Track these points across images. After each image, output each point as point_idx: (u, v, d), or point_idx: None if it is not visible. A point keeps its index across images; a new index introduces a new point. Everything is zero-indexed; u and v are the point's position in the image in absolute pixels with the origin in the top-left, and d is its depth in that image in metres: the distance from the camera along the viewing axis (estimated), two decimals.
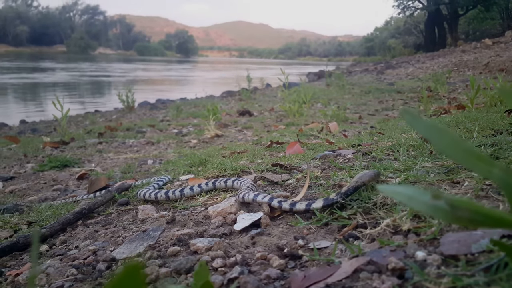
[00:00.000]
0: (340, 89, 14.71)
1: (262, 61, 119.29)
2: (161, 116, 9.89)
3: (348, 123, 7.07)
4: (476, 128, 2.06)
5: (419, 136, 2.31)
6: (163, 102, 14.88)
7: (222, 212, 1.44)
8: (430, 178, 1.30)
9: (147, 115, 10.82)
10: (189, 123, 7.79)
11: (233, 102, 13.70)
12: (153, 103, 14.83)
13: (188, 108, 11.96)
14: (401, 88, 13.85)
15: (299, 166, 2.07)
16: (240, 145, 3.84)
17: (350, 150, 2.45)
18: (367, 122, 7.08)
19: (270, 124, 7.28)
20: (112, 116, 11.15)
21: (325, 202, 1.23)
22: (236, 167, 2.11)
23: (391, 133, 3.32)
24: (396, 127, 4.29)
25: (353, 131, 4.65)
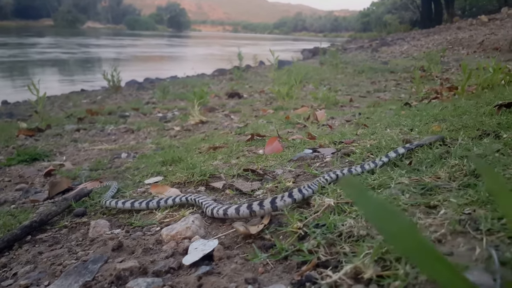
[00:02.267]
0: (333, 68, 14.45)
1: (256, 36, 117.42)
2: (147, 97, 9.63)
3: (338, 107, 6.90)
4: (461, 133, 1.91)
5: (400, 138, 2.16)
6: (151, 81, 14.53)
7: (176, 236, 1.30)
8: (405, 200, 1.16)
9: (133, 96, 10.55)
10: (175, 106, 7.57)
11: (224, 81, 13.42)
12: (140, 83, 14.48)
13: (176, 89, 11.69)
14: (395, 68, 13.61)
15: (273, 170, 1.93)
16: (221, 136, 3.68)
17: (330, 148, 2.30)
18: (358, 106, 6.91)
19: (259, 108, 7.09)
20: (97, 97, 10.87)
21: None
22: (205, 171, 1.96)
23: (376, 125, 3.18)
24: (383, 116, 4.15)
25: (341, 119, 4.50)
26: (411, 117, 3.13)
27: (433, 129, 2.27)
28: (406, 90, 9.13)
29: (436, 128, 2.27)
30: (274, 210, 1.31)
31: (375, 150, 1.96)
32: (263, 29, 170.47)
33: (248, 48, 41.87)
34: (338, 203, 1.24)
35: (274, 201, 1.31)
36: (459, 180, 1.25)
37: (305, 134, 2.92)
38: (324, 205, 1.23)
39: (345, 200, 1.25)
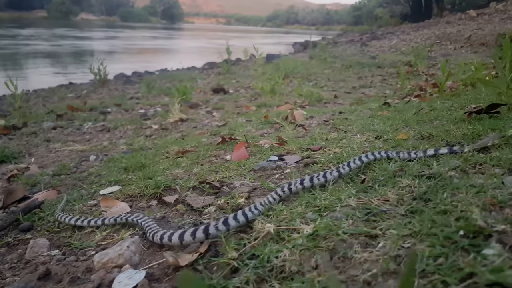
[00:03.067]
0: (322, 63, 14.38)
1: (249, 29, 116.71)
2: (133, 92, 9.48)
3: (322, 103, 6.85)
4: (423, 147, 1.85)
5: (365, 147, 2.10)
6: (140, 75, 14.34)
7: (107, 264, 1.23)
8: (345, 229, 1.09)
9: (119, 90, 10.39)
10: (159, 102, 7.45)
11: (212, 76, 13.27)
12: (128, 76, 14.28)
13: (163, 83, 11.53)
14: (382, 62, 13.58)
15: (232, 182, 1.86)
16: (196, 137, 3.60)
17: (296, 156, 2.24)
18: (341, 103, 6.87)
19: (243, 104, 7.00)
20: (83, 91, 10.68)
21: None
22: (160, 183, 1.88)
23: (350, 128, 3.12)
24: (360, 116, 4.09)
25: (319, 119, 4.43)
26: (385, 121, 3.07)
27: (400, 137, 2.22)
28: (391, 86, 9.10)
29: (402, 136, 2.21)
30: (207, 238, 1.24)
31: (336, 160, 1.90)
32: (256, 22, 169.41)
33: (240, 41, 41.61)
34: (279, 229, 1.18)
35: (207, 229, 1.24)
36: (406, 205, 1.19)
37: (276, 138, 2.85)
38: (263, 232, 1.16)
39: (286, 226, 1.19)
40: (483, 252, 0.88)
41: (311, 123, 4.21)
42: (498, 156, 1.50)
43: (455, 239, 0.93)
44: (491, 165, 1.45)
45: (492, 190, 1.18)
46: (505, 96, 2.38)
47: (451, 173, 1.39)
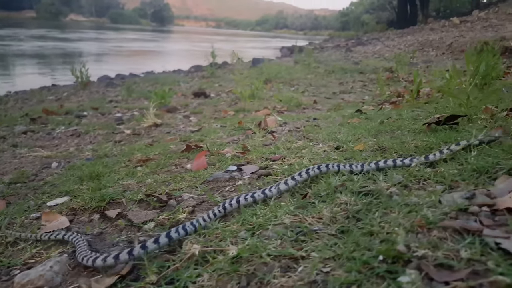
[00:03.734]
0: (306, 68, 14.41)
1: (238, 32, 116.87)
2: (113, 95, 9.35)
3: (301, 109, 6.84)
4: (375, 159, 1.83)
5: (321, 158, 2.07)
6: (123, 77, 14.17)
7: (27, 285, 1.17)
8: (271, 250, 1.06)
9: (100, 93, 10.24)
10: (137, 106, 7.35)
11: (196, 79, 13.19)
12: (112, 78, 14.12)
13: (145, 86, 11.41)
14: (365, 68, 13.67)
15: (181, 195, 1.81)
16: (165, 144, 3.54)
17: (254, 166, 2.20)
18: (320, 109, 6.87)
19: (222, 109, 6.95)
20: (64, 94, 10.52)
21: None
22: (106, 195, 1.82)
23: (317, 137, 3.10)
24: (331, 124, 4.08)
25: (292, 125, 4.41)
26: (351, 129, 3.06)
27: (357, 148, 2.20)
28: (371, 92, 9.16)
29: (359, 147, 2.19)
30: (132, 260, 1.20)
31: (289, 172, 1.87)
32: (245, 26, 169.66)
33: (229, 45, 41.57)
34: (207, 250, 1.13)
35: (132, 251, 1.19)
36: (339, 224, 1.16)
37: (241, 147, 2.81)
38: (188, 254, 1.12)
39: (213, 247, 1.14)
40: (398, 279, 0.85)
41: (283, 130, 4.18)
42: (443, 172, 1.48)
43: (373, 265, 0.90)
44: (434, 181, 1.43)
45: (426, 210, 1.15)
46: (465, 107, 2.38)
47: (392, 189, 1.36)
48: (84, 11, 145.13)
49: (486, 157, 1.51)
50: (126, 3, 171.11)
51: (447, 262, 0.90)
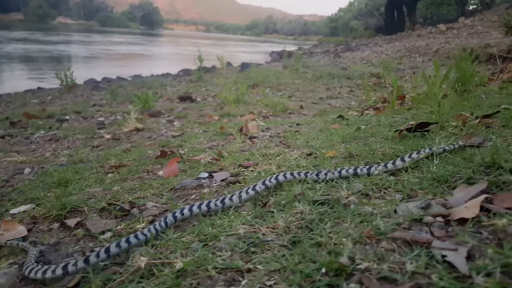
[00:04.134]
0: (294, 73, 14.45)
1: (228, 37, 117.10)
2: (97, 99, 9.25)
3: (287, 114, 6.85)
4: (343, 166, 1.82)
5: (291, 164, 2.06)
6: (109, 80, 14.06)
7: None
8: (219, 262, 1.03)
9: (85, 96, 10.14)
10: (121, 110, 7.29)
11: (183, 83, 13.15)
12: (98, 82, 14.01)
13: (131, 90, 11.33)
14: (352, 74, 13.75)
15: (144, 204, 1.78)
16: (138, 151, 3.50)
17: (225, 173, 2.18)
18: (306, 114, 6.88)
19: (207, 113, 6.92)
20: (48, 97, 10.40)
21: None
22: (68, 203, 1.78)
23: (294, 143, 3.10)
24: (312, 130, 4.09)
25: (274, 131, 4.41)
26: (328, 135, 3.06)
27: (328, 155, 2.19)
28: (357, 98, 9.21)
29: (330, 154, 2.19)
30: (66, 275, 1.17)
31: (257, 180, 1.85)
32: (235, 30, 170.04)
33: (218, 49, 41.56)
34: (155, 263, 1.11)
35: (88, 259, 1.17)
36: (291, 234, 1.15)
37: (216, 153, 2.79)
38: (135, 266, 1.09)
39: (162, 260, 1.12)
40: None
41: (264, 135, 4.17)
42: (405, 180, 1.48)
43: (315, 278, 0.89)
44: (395, 190, 1.43)
45: (379, 220, 1.14)
46: (436, 114, 2.39)
47: (351, 198, 1.35)
48: (73, 14, 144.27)
49: (448, 165, 1.51)
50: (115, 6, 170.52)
51: (391, 275, 0.89)
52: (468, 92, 4.93)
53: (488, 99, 4.20)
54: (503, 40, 11.49)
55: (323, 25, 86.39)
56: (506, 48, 10.44)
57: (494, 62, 10.42)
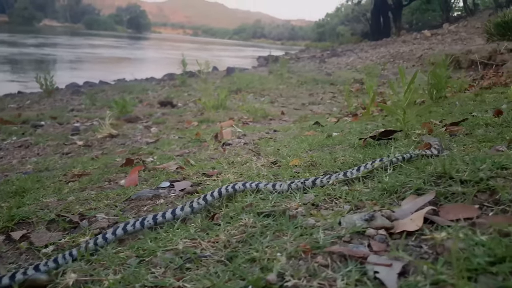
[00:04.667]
0: (278, 78, 14.47)
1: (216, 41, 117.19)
2: (77, 103, 9.11)
3: (267, 120, 6.83)
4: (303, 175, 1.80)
5: (252, 174, 2.03)
6: (91, 85, 13.88)
7: None
8: (148, 281, 0.99)
9: (64, 101, 9.98)
10: (98, 116, 7.17)
11: (166, 87, 13.04)
12: (80, 86, 13.82)
13: (112, 94, 11.20)
14: (336, 80, 13.84)
15: (95, 215, 1.72)
16: (107, 158, 3.43)
17: (187, 182, 2.13)
18: (286, 120, 6.88)
19: (186, 119, 6.86)
20: (27, 102, 10.20)
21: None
22: (17, 214, 1.72)
23: (265, 150, 3.07)
24: (286, 136, 4.07)
25: (250, 138, 4.38)
26: (300, 143, 3.04)
27: (292, 163, 2.16)
28: (339, 104, 9.26)
29: (294, 162, 2.16)
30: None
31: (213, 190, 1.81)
32: (223, 34, 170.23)
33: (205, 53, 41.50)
34: (83, 280, 1.06)
35: (14, 275, 1.11)
36: (231, 248, 1.11)
37: (183, 161, 2.74)
38: (62, 284, 1.05)
39: (92, 277, 1.07)
40: None
41: (239, 142, 4.14)
42: (355, 191, 1.46)
43: None
44: (345, 200, 1.40)
45: (320, 233, 1.11)
46: (401, 122, 2.39)
47: (300, 209, 1.32)
48: (59, 17, 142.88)
49: (401, 175, 1.50)
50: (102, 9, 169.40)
51: None
52: (443, 99, 4.98)
53: (462, 106, 4.24)
54: (484, 46, 11.67)
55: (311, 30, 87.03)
56: (487, 55, 10.60)
57: (476, 69, 10.58)
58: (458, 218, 1.14)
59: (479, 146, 1.86)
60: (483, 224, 1.07)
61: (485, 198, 1.25)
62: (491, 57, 10.20)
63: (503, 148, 1.72)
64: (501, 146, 1.76)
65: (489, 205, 1.21)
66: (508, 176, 1.30)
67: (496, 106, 3.68)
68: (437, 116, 3.64)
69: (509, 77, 6.69)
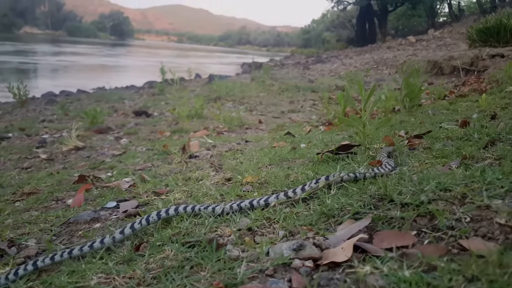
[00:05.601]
0: (260, 85, 14.40)
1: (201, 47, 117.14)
2: (49, 113, 8.86)
3: (244, 129, 6.74)
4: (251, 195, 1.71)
5: (204, 194, 1.93)
6: (68, 94, 13.59)
7: None
8: None
9: (37, 111, 9.70)
10: (69, 127, 6.96)
11: (144, 96, 12.84)
12: (56, 95, 13.54)
13: (88, 103, 10.96)
14: (319, 87, 13.81)
15: (26, 241, 1.60)
16: (64, 174, 3.28)
17: (133, 202, 2.03)
18: (263, 129, 6.79)
19: (160, 129, 6.71)
20: None
21: None
22: None
23: (230, 162, 2.98)
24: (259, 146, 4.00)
25: (220, 149, 4.29)
26: (263, 156, 2.96)
27: (245, 180, 2.08)
28: (319, 111, 9.22)
29: (248, 179, 2.08)
30: None
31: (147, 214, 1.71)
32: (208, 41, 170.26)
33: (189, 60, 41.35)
34: None
35: None
36: (143, 286, 1.01)
37: (139, 177, 2.63)
38: None
39: None
40: None
41: (206, 154, 4.04)
42: (297, 213, 1.37)
43: None
44: (281, 225, 1.32)
45: (243, 265, 1.02)
46: (360, 136, 2.33)
47: (231, 237, 1.23)
48: (40, 24, 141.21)
49: (343, 196, 1.42)
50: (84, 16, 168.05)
51: None
52: (416, 108, 4.96)
53: (435, 115, 4.22)
54: (466, 52, 11.81)
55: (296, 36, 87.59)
56: (469, 61, 10.70)
57: (458, 75, 10.70)
58: (391, 246, 1.07)
59: (434, 162, 1.80)
60: (413, 256, 1.00)
61: (424, 223, 1.18)
62: (473, 63, 10.31)
63: (456, 165, 1.66)
64: (455, 162, 1.70)
65: (427, 231, 1.14)
66: (450, 199, 1.23)
67: (467, 115, 3.67)
68: (407, 126, 3.60)
69: (489, 83, 6.75)
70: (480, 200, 1.19)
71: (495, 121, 2.90)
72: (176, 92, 6.89)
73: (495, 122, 2.85)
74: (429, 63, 12.88)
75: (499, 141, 1.89)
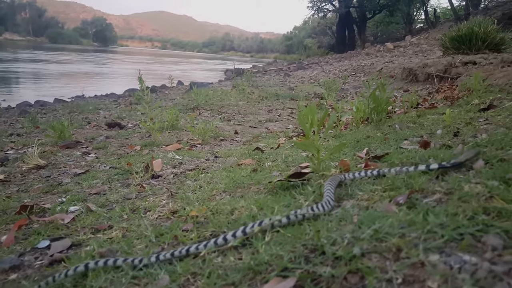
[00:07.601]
0: (240, 93, 14.29)
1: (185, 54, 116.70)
2: (19, 126, 8.56)
3: (218, 140, 6.58)
4: None
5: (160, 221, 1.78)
6: (43, 104, 13.22)
7: None
8: None
9: (8, 123, 9.37)
10: (36, 142, 6.71)
11: (121, 105, 12.58)
12: (31, 105, 13.17)
13: (63, 114, 10.66)
14: (298, 94, 13.77)
15: None
16: (14, 200, 3.09)
17: (66, 242, 1.86)
18: (239, 140, 6.65)
19: (130, 143, 6.49)
20: None
21: None
22: None
23: (188, 187, 2.84)
24: (226, 163, 3.86)
25: (187, 166, 4.15)
26: (223, 179, 2.83)
27: (192, 214, 1.94)
28: (296, 120, 9.13)
29: (194, 213, 1.93)
30: None
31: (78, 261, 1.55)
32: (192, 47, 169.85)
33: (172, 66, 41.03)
34: None
35: None
36: None
37: (84, 207, 2.46)
38: None
39: None
40: None
41: (171, 173, 3.89)
42: (224, 267, 1.24)
43: None
44: (203, 284, 1.18)
45: None
46: (314, 162, 2.22)
47: None
48: (20, 30, 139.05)
49: (275, 245, 1.29)
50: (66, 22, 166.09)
51: None
52: (384, 120, 4.90)
53: (401, 130, 4.15)
54: (440, 60, 11.92)
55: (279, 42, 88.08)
56: (443, 68, 10.80)
57: (432, 82, 10.78)
58: None
59: (382, 195, 1.69)
60: None
61: (355, 282, 1.06)
62: (446, 70, 10.40)
63: (403, 200, 1.55)
64: (402, 197, 1.58)
65: None
66: (384, 252, 1.11)
67: (432, 130, 3.60)
68: (372, 143, 3.51)
69: (462, 90, 6.77)
70: (416, 254, 1.07)
71: (457, 138, 2.83)
72: (147, 104, 6.67)
73: (457, 139, 2.78)
74: (404, 70, 12.97)
75: (452, 169, 1.79)
